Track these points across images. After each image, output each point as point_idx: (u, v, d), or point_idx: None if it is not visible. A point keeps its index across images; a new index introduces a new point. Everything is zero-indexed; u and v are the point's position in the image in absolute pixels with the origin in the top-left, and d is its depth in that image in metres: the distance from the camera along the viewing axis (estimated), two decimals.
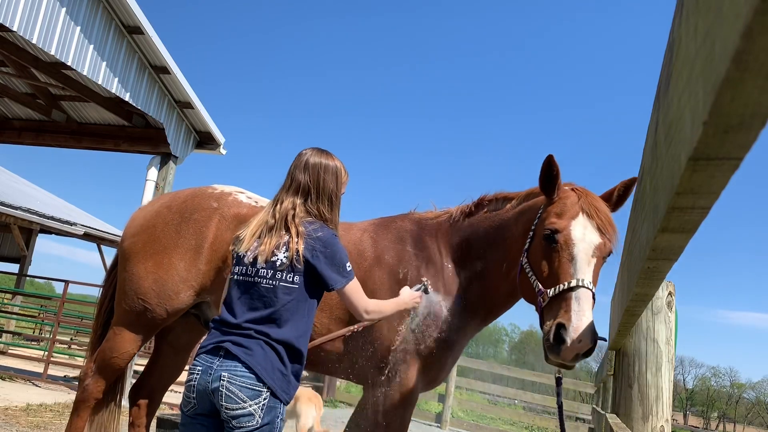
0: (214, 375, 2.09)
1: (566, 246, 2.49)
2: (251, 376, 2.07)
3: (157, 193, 8.33)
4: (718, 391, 70.64)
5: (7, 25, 5.68)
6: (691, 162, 0.52)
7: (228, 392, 2.05)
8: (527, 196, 2.96)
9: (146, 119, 8.64)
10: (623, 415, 2.25)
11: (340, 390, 13.65)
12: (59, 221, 12.85)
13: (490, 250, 2.98)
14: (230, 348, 2.11)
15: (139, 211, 3.48)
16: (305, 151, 2.41)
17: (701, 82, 0.47)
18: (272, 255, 2.20)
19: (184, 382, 2.21)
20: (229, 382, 2.06)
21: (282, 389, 2.14)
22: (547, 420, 11.12)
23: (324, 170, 2.34)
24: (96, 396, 3.29)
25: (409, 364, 2.94)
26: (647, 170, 0.95)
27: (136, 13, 6.95)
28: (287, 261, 2.18)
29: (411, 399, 2.96)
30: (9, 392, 7.35)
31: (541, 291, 2.48)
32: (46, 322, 15.83)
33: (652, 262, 0.94)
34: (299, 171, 2.34)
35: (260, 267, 2.20)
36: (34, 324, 18.60)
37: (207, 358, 2.14)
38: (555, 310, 2.39)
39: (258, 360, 2.09)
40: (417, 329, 2.93)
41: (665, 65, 0.75)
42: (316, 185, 2.31)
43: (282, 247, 2.20)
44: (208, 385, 2.08)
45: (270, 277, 2.18)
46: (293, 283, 2.18)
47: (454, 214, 3.18)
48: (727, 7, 0.40)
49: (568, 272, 2.43)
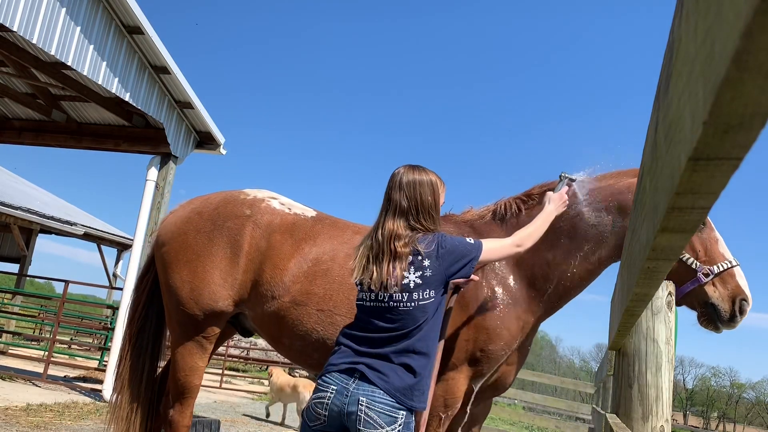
0: (351, 398, 2.10)
1: (711, 229, 2.86)
2: (390, 401, 2.10)
3: (157, 193, 8.34)
4: (718, 391, 70.66)
5: (7, 25, 5.68)
6: (691, 162, 0.52)
7: (366, 417, 2.07)
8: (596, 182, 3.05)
9: (146, 119, 8.64)
10: (623, 415, 2.25)
11: None
12: (59, 221, 12.85)
13: (566, 238, 2.99)
14: (366, 372, 2.13)
15: (171, 216, 3.41)
16: (398, 170, 2.43)
17: (701, 82, 0.47)
18: (403, 279, 2.23)
19: (313, 397, 2.21)
20: (368, 407, 2.08)
21: (419, 400, 2.19)
22: (547, 420, 11.11)
23: (420, 186, 2.35)
24: (186, 424, 3.18)
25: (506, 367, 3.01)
26: (647, 170, 0.95)
27: (136, 13, 6.95)
28: (422, 281, 2.23)
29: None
30: (9, 392, 7.35)
31: (702, 268, 2.76)
32: (46, 322, 15.85)
33: (652, 262, 0.94)
34: (395, 191, 2.36)
35: (393, 292, 2.22)
36: (34, 324, 18.62)
37: (341, 378, 2.15)
38: (726, 285, 2.75)
39: (395, 385, 2.13)
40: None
41: (665, 65, 0.75)
42: (415, 203, 2.33)
43: (411, 270, 2.24)
44: (344, 407, 2.10)
45: (407, 300, 2.21)
46: (429, 297, 2.23)
47: (501, 210, 3.16)
48: (727, 7, 0.40)
49: (722, 252, 2.80)
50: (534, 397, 12.11)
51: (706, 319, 2.81)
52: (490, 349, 2.90)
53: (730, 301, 2.74)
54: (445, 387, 2.90)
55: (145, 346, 3.43)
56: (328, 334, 2.99)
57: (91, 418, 6.69)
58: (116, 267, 16.84)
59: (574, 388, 13.89)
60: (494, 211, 3.19)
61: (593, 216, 2.96)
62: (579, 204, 2.99)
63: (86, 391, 8.35)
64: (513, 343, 2.98)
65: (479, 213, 3.23)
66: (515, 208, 3.13)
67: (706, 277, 2.76)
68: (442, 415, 2.90)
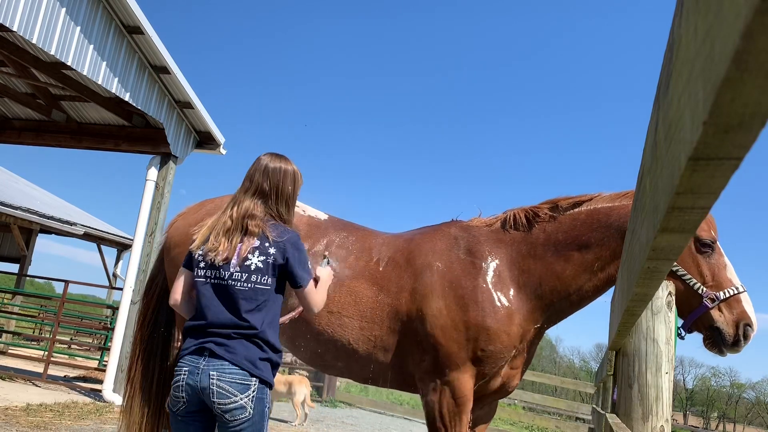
0: (202, 374, 2.20)
1: (720, 254, 2.91)
2: (240, 372, 2.20)
3: (157, 192, 8.34)
4: (718, 391, 70.60)
5: (7, 25, 5.68)
6: (691, 162, 0.52)
7: (219, 389, 2.18)
8: (611, 200, 3.11)
9: (146, 119, 8.64)
10: (623, 415, 2.25)
11: (340, 390, 13.66)
12: (59, 221, 12.85)
13: (579, 251, 3.04)
14: (214, 348, 2.23)
15: (181, 219, 3.41)
16: (264, 156, 2.53)
17: (701, 82, 0.47)
18: (245, 259, 2.30)
19: (171, 384, 2.29)
20: (219, 379, 2.19)
21: (267, 376, 2.28)
22: (547, 420, 11.12)
23: (283, 175, 2.46)
24: None
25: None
26: (647, 170, 0.95)
27: (136, 13, 6.95)
28: (262, 265, 2.30)
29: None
30: (9, 392, 7.35)
31: (708, 293, 2.82)
32: (46, 322, 15.85)
33: (652, 262, 0.94)
34: (259, 175, 2.45)
35: (234, 270, 2.29)
36: (34, 324, 18.61)
37: (191, 359, 2.25)
38: (732, 310, 2.81)
39: (243, 356, 2.22)
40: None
41: (665, 65, 0.75)
42: (276, 189, 2.44)
43: (255, 252, 2.31)
44: (198, 384, 2.20)
45: (245, 280, 2.29)
46: (267, 284, 2.31)
47: (510, 220, 3.22)
48: (727, 7, 0.40)
49: (730, 277, 2.87)
50: (534, 397, 12.12)
51: (711, 342, 2.88)
52: (490, 349, 2.97)
53: (735, 325, 2.81)
54: (452, 388, 2.98)
55: (155, 350, 3.44)
56: (337, 335, 3.08)
57: (91, 418, 6.69)
58: (116, 267, 16.84)
59: (574, 388, 13.87)
60: (503, 220, 3.24)
61: (606, 234, 3.02)
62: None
63: (86, 391, 8.35)
64: (512, 347, 3.04)
65: (487, 221, 3.29)
66: (525, 221, 3.19)
67: (711, 303, 2.82)
68: (456, 415, 2.98)
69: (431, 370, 3.01)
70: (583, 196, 3.18)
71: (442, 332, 2.96)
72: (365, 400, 13.25)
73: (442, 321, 2.97)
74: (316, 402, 11.35)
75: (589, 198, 3.15)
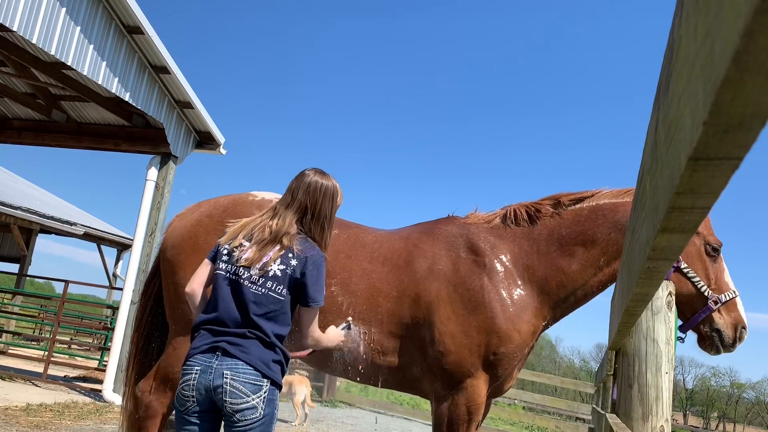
0: (215, 373, 2.19)
1: (721, 260, 3.05)
2: (254, 372, 2.20)
3: (157, 192, 8.34)
4: (718, 391, 70.58)
5: (7, 25, 5.68)
6: (691, 162, 0.52)
7: (232, 388, 2.18)
8: (616, 196, 3.14)
9: (146, 119, 8.64)
10: (623, 415, 2.25)
11: (340, 390, 13.66)
12: (59, 221, 12.85)
13: (584, 246, 3.05)
14: (227, 348, 2.22)
15: (178, 220, 3.40)
16: (308, 171, 2.54)
17: (701, 82, 0.47)
18: (268, 265, 2.31)
19: (179, 383, 2.28)
20: (233, 378, 2.18)
21: (278, 377, 2.31)
22: (547, 420, 11.11)
23: (323, 195, 2.47)
24: (162, 411, 3.16)
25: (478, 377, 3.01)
26: (647, 170, 0.95)
27: (136, 13, 6.95)
28: (280, 273, 2.31)
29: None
30: (9, 392, 7.35)
31: (712, 296, 2.96)
32: (46, 322, 15.84)
33: (652, 262, 0.94)
34: (301, 191, 2.46)
35: (253, 273, 2.31)
36: (34, 324, 18.61)
37: (203, 358, 2.24)
38: (730, 313, 2.96)
39: (257, 356, 2.23)
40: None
41: (665, 65, 0.75)
42: (314, 208, 2.45)
43: (277, 260, 2.32)
44: (210, 383, 2.19)
45: (261, 285, 2.30)
46: (281, 295, 2.31)
47: (511, 216, 3.19)
48: (727, 7, 0.40)
49: (727, 281, 3.01)
50: (534, 397, 12.12)
51: (709, 342, 3.00)
52: (502, 352, 2.91)
53: (733, 328, 2.97)
54: (466, 395, 2.91)
55: (153, 351, 3.44)
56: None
57: (91, 418, 6.69)
58: (116, 267, 16.84)
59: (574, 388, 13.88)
60: (504, 216, 3.20)
61: (612, 230, 3.03)
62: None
63: (86, 391, 8.35)
64: (524, 346, 3.00)
65: (485, 217, 3.23)
66: (526, 217, 3.15)
67: (715, 305, 2.95)
68: (466, 424, 2.92)
69: (441, 378, 2.93)
70: (585, 193, 3.16)
71: (452, 339, 2.88)
72: (365, 400, 13.25)
73: (451, 328, 2.90)
74: (316, 402, 11.35)
75: (591, 194, 3.14)
